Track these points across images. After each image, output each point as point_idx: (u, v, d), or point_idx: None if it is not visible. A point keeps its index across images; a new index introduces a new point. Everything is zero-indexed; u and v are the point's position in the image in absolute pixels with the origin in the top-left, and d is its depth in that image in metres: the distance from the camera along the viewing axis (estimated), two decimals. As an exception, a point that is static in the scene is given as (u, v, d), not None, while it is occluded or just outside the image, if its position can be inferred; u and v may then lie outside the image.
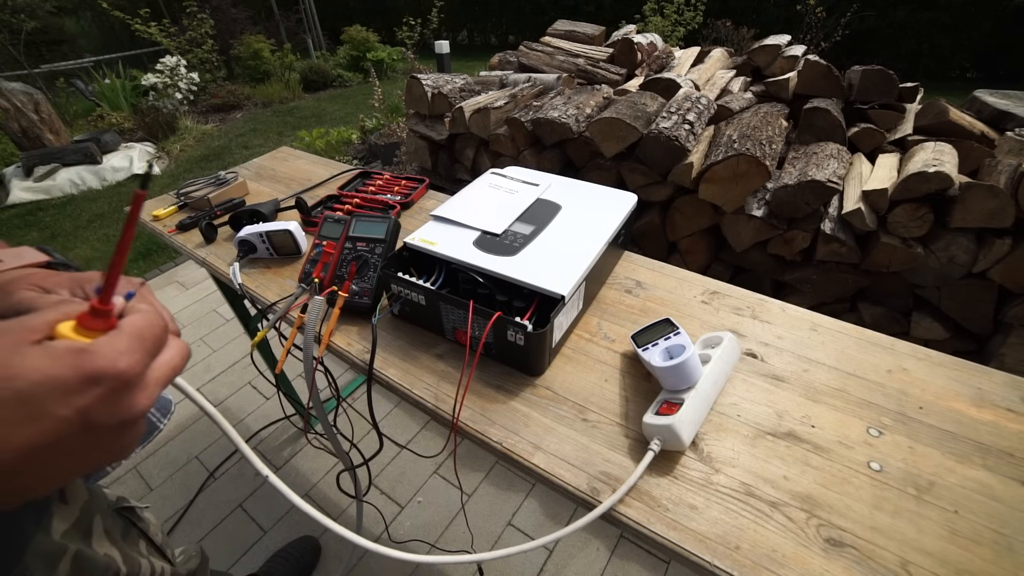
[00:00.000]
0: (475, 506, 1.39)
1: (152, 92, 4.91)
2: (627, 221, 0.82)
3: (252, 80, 5.78)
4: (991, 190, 1.19)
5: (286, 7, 6.74)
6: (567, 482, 0.53)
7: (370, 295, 0.76)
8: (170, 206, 1.10)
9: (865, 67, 1.70)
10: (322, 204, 1.08)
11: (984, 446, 0.54)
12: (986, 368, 0.64)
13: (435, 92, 2.05)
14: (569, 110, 1.70)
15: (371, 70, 4.24)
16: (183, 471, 1.53)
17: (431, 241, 0.72)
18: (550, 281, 0.63)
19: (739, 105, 1.78)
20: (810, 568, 0.45)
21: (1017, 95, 1.57)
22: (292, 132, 4.35)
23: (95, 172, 3.65)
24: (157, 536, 0.61)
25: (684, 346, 0.59)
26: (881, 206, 1.31)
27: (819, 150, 1.51)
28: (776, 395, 0.62)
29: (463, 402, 0.62)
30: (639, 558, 1.26)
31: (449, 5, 6.92)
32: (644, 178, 1.60)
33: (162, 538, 0.62)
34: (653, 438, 0.54)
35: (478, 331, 0.64)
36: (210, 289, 2.30)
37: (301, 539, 1.29)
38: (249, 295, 0.85)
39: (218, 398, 1.79)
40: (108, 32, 6.91)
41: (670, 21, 4.42)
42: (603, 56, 2.30)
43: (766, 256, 1.54)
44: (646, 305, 0.77)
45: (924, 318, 1.42)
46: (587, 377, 0.66)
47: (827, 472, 0.52)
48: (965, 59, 5.47)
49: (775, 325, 0.73)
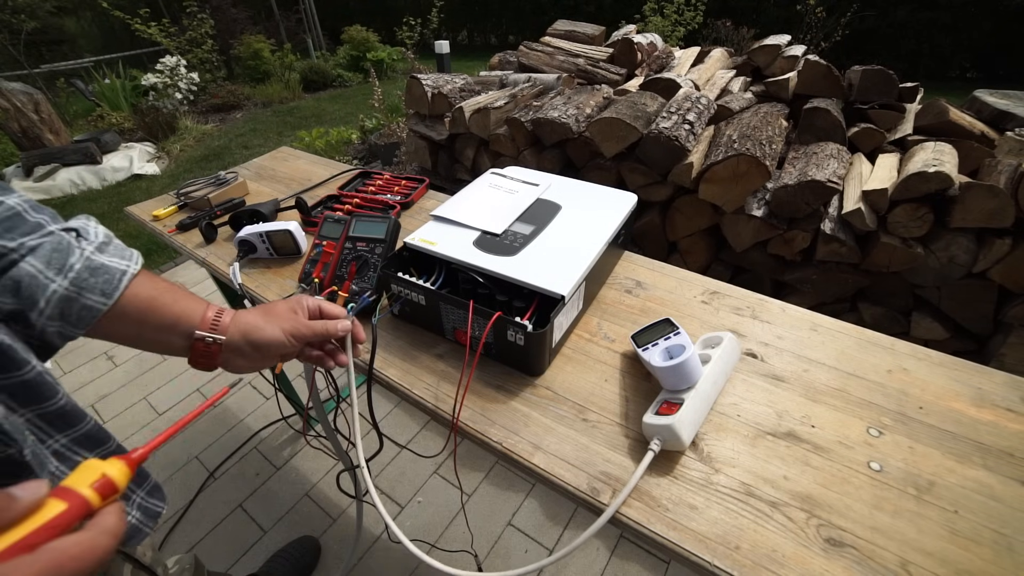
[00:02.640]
0: (475, 506, 1.39)
1: (152, 92, 4.91)
2: (627, 221, 0.82)
3: (252, 80, 5.78)
4: (991, 190, 1.19)
5: (286, 7, 6.74)
6: (567, 482, 0.53)
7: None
8: (170, 206, 1.10)
9: (865, 67, 1.70)
10: (322, 204, 1.08)
11: (984, 446, 0.54)
12: (986, 368, 0.64)
13: (435, 92, 2.05)
14: (569, 110, 1.70)
15: (371, 70, 4.24)
16: (183, 471, 1.53)
17: (431, 241, 0.72)
18: (550, 281, 0.63)
19: (739, 105, 1.78)
20: (810, 568, 0.45)
21: (1017, 95, 1.57)
22: (292, 132, 4.35)
23: (95, 172, 3.65)
24: (146, 555, 0.60)
25: (684, 346, 0.59)
26: (881, 206, 1.31)
27: (819, 150, 1.51)
28: (776, 395, 0.62)
29: (463, 402, 0.62)
30: (639, 558, 1.26)
31: (449, 5, 6.91)
32: (644, 178, 1.60)
33: (152, 555, 0.61)
34: (653, 438, 0.54)
35: (478, 331, 0.64)
36: (210, 289, 2.30)
37: (301, 539, 1.29)
38: (249, 295, 0.85)
39: (218, 398, 1.79)
40: (108, 32, 6.91)
41: (670, 21, 4.42)
42: (603, 56, 2.30)
43: (766, 256, 1.53)
44: (646, 305, 0.77)
45: (924, 318, 1.42)
46: (587, 377, 0.66)
47: (827, 472, 0.52)
48: (965, 59, 5.47)
49: (775, 325, 0.73)
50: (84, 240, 0.46)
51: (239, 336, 0.52)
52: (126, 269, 0.47)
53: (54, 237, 0.43)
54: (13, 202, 0.42)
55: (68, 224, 0.46)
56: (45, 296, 0.41)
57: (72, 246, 0.44)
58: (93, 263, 0.44)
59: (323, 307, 0.59)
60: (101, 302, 0.44)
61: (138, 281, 0.48)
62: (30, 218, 0.42)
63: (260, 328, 0.53)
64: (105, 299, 0.44)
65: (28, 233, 0.42)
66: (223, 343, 0.51)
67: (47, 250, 0.42)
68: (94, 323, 0.44)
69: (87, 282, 0.43)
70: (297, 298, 0.58)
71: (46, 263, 0.41)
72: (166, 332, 0.50)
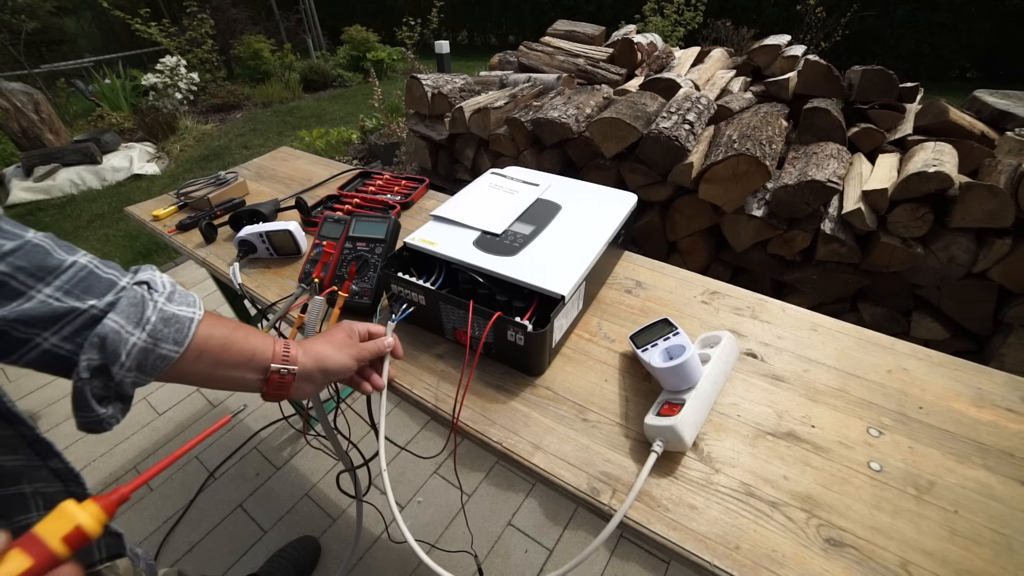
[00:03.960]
0: (475, 506, 1.39)
1: (152, 92, 4.92)
2: (627, 221, 0.82)
3: (252, 80, 5.78)
4: (991, 190, 1.19)
5: (286, 7, 6.74)
6: (567, 482, 0.53)
7: (370, 295, 0.76)
8: (170, 206, 1.10)
9: (865, 67, 1.70)
10: (322, 204, 1.08)
11: (984, 446, 0.54)
12: (986, 368, 0.64)
13: (435, 92, 2.05)
14: (569, 110, 1.70)
15: (371, 70, 4.24)
16: (183, 471, 1.53)
17: (431, 241, 0.72)
18: (550, 281, 0.63)
19: (739, 105, 1.78)
20: (810, 568, 0.45)
21: (1017, 95, 1.57)
22: (292, 132, 4.35)
23: (95, 172, 3.65)
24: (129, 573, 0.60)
25: (684, 346, 0.59)
26: (881, 206, 1.31)
27: (819, 150, 1.51)
28: (776, 395, 0.62)
29: (463, 402, 0.62)
30: (639, 558, 1.26)
31: (449, 5, 6.91)
32: (644, 178, 1.60)
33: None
34: (655, 439, 0.54)
35: (478, 331, 0.64)
36: (210, 289, 2.30)
37: (301, 539, 1.29)
38: (249, 295, 0.85)
39: (218, 397, 1.79)
40: (108, 32, 6.92)
41: (670, 21, 4.42)
42: (603, 56, 2.29)
43: (766, 256, 1.53)
44: (646, 305, 0.77)
45: (924, 318, 1.42)
46: (587, 377, 0.66)
47: (827, 472, 0.52)
48: (965, 59, 5.47)
49: (775, 325, 0.73)
50: (155, 292, 0.48)
51: (312, 365, 0.56)
52: (193, 316, 0.49)
53: (129, 292, 0.45)
54: (85, 261, 0.44)
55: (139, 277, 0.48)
56: (127, 350, 0.43)
57: (146, 299, 0.46)
58: (165, 313, 0.46)
59: (371, 330, 0.64)
60: (174, 350, 0.46)
61: (207, 324, 0.50)
62: (103, 275, 0.45)
63: (332, 356, 0.58)
64: (177, 347, 0.46)
65: (106, 290, 0.44)
66: (297, 373, 0.55)
67: (125, 305, 0.44)
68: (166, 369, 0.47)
69: (161, 332, 0.45)
70: (347, 324, 0.62)
71: (126, 318, 0.43)
72: (241, 369, 0.52)
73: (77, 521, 0.33)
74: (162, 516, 1.40)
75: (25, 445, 0.45)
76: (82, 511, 0.34)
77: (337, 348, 0.59)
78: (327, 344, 0.59)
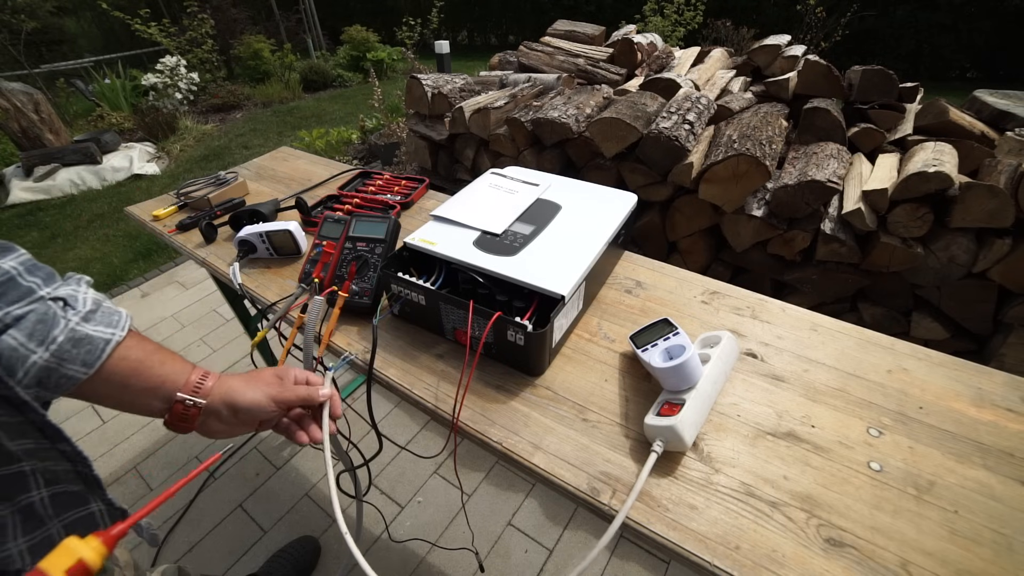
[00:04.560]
0: (475, 506, 1.39)
1: (152, 92, 4.91)
2: (627, 221, 0.82)
3: (252, 80, 5.78)
4: (991, 190, 1.19)
5: (286, 7, 6.74)
6: (567, 482, 0.53)
7: (370, 295, 0.76)
8: (170, 206, 1.10)
9: (865, 67, 1.70)
10: (322, 204, 1.08)
11: (984, 446, 0.54)
12: (986, 368, 0.64)
13: (435, 92, 2.05)
14: (569, 110, 1.70)
15: (371, 70, 4.24)
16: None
17: (431, 241, 0.72)
18: (550, 281, 0.63)
19: (739, 105, 1.78)
20: (810, 568, 0.45)
21: (1017, 95, 1.57)
22: (292, 132, 4.35)
23: (95, 172, 3.65)
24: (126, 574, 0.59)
25: (684, 346, 0.59)
26: (881, 206, 1.31)
27: (819, 150, 1.51)
28: (776, 395, 0.62)
29: (463, 402, 0.62)
30: (639, 558, 1.26)
31: (449, 5, 6.91)
32: (644, 178, 1.60)
33: (132, 573, 0.61)
34: (655, 439, 0.54)
35: (478, 331, 0.64)
36: (210, 289, 2.30)
37: (301, 539, 1.29)
38: (249, 295, 0.85)
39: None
40: (108, 32, 6.91)
41: (670, 21, 4.42)
42: (603, 56, 2.30)
43: (766, 256, 1.54)
44: (646, 305, 0.77)
45: (924, 318, 1.42)
46: (587, 377, 0.66)
47: (827, 472, 0.52)
48: (965, 59, 5.47)
49: (775, 325, 0.73)
50: (71, 309, 0.46)
51: (219, 399, 0.52)
52: (110, 338, 0.47)
53: (40, 306, 0.44)
54: (8, 266, 0.43)
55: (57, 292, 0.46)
56: (24, 367, 0.42)
57: (57, 317, 0.45)
58: (77, 334, 0.45)
59: (309, 378, 0.60)
60: (82, 371, 0.45)
61: (125, 346, 0.49)
62: (23, 282, 0.43)
63: (240, 392, 0.53)
64: (86, 368, 0.45)
65: (16, 301, 0.42)
66: (203, 406, 0.52)
67: (31, 322, 0.43)
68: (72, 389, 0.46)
69: (69, 353, 0.44)
70: (283, 367, 0.59)
71: (28, 335, 0.42)
72: (147, 396, 0.50)
73: (80, 555, 0.35)
74: (162, 516, 1.40)
75: (34, 429, 0.45)
76: (84, 546, 0.36)
77: (254, 386, 0.54)
78: (244, 380, 0.55)
